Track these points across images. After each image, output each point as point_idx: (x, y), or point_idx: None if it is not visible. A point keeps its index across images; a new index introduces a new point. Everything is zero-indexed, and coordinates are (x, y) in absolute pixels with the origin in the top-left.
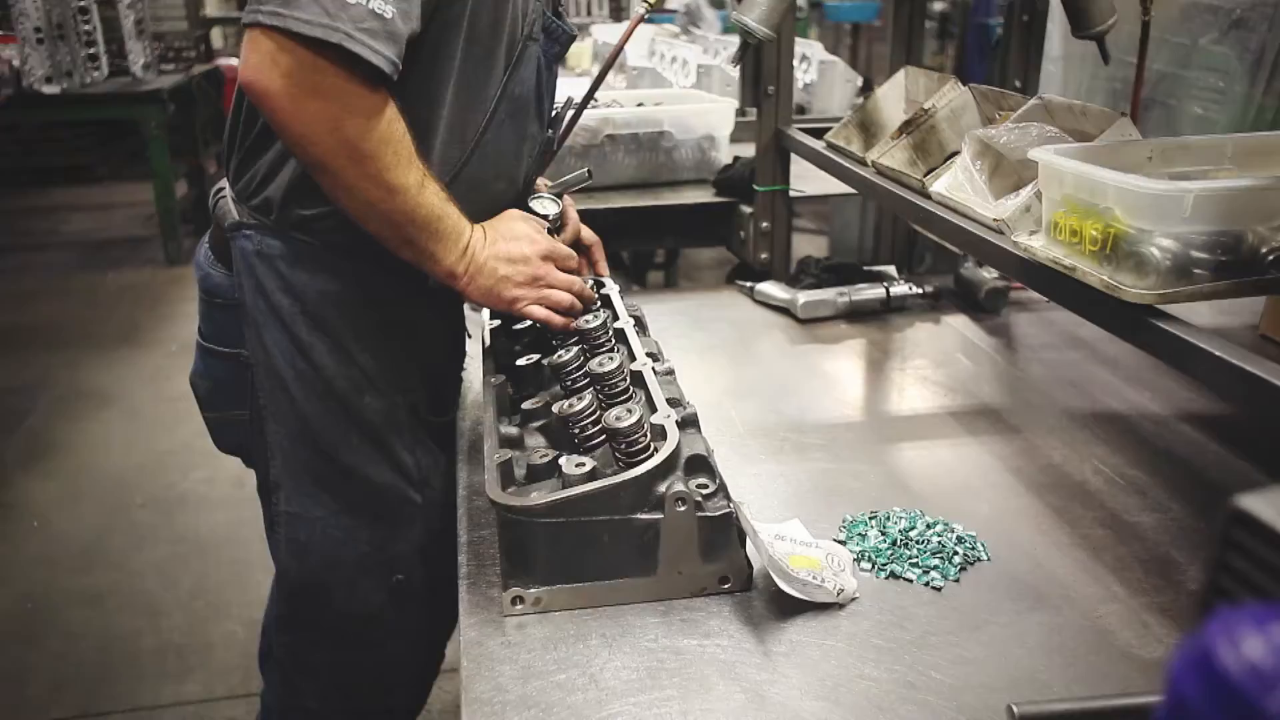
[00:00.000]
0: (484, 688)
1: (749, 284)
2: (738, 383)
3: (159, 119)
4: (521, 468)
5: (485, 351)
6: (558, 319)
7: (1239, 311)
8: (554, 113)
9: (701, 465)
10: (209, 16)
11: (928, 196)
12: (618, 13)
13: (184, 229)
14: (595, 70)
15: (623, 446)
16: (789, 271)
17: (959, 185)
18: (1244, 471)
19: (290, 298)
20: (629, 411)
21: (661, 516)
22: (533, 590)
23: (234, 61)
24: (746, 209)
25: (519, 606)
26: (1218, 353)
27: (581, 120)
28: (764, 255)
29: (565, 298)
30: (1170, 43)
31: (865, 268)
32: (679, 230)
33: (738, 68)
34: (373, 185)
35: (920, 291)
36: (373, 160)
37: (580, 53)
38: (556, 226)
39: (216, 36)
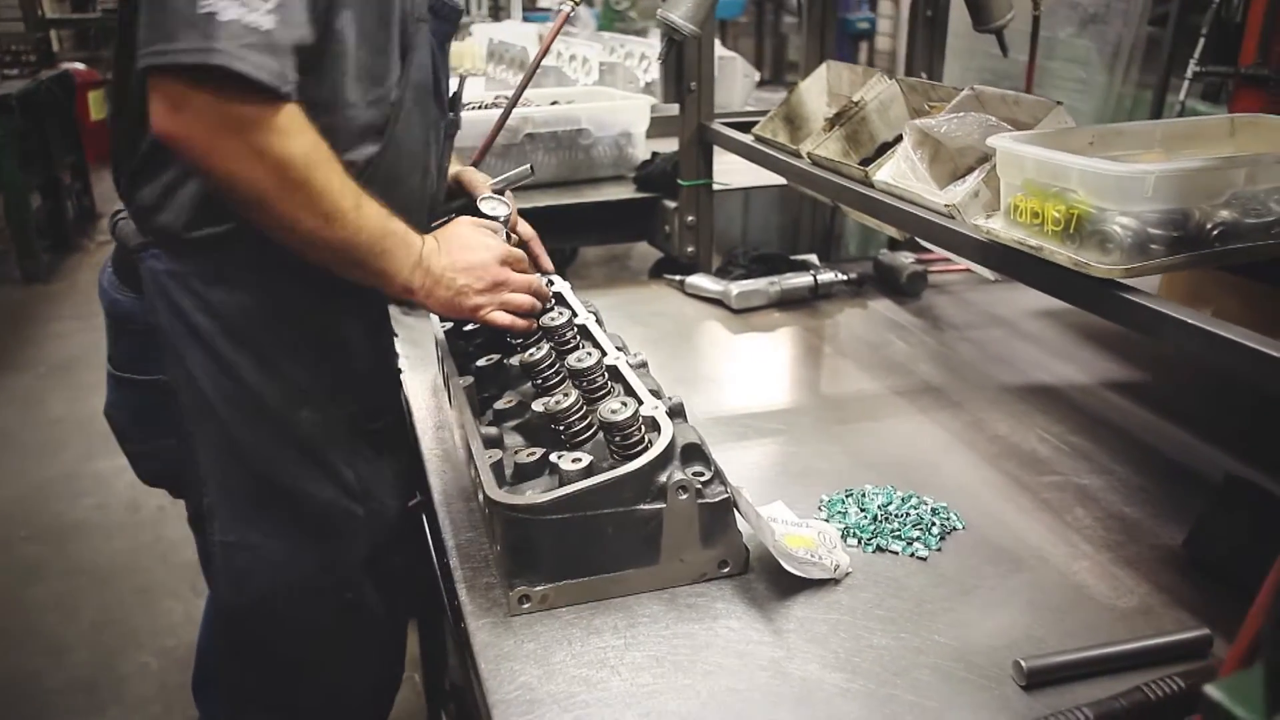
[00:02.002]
0: (508, 689)
1: (678, 277)
2: (686, 374)
3: (7, 127)
4: (508, 467)
5: (445, 354)
6: (521, 323)
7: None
8: (451, 94)
9: (696, 453)
10: (47, 18)
11: (870, 185)
12: (497, 12)
13: (40, 244)
14: (488, 70)
15: (617, 439)
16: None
17: (903, 174)
18: (1171, 433)
19: (209, 316)
20: (624, 405)
21: (664, 506)
22: (539, 588)
23: (82, 66)
24: (670, 204)
25: (526, 605)
26: (1189, 320)
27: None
28: (690, 249)
29: (525, 300)
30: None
31: (790, 257)
32: (601, 227)
33: (660, 64)
34: (309, 214)
35: (845, 278)
36: (304, 187)
37: (461, 52)
38: (509, 227)
39: (53, 38)
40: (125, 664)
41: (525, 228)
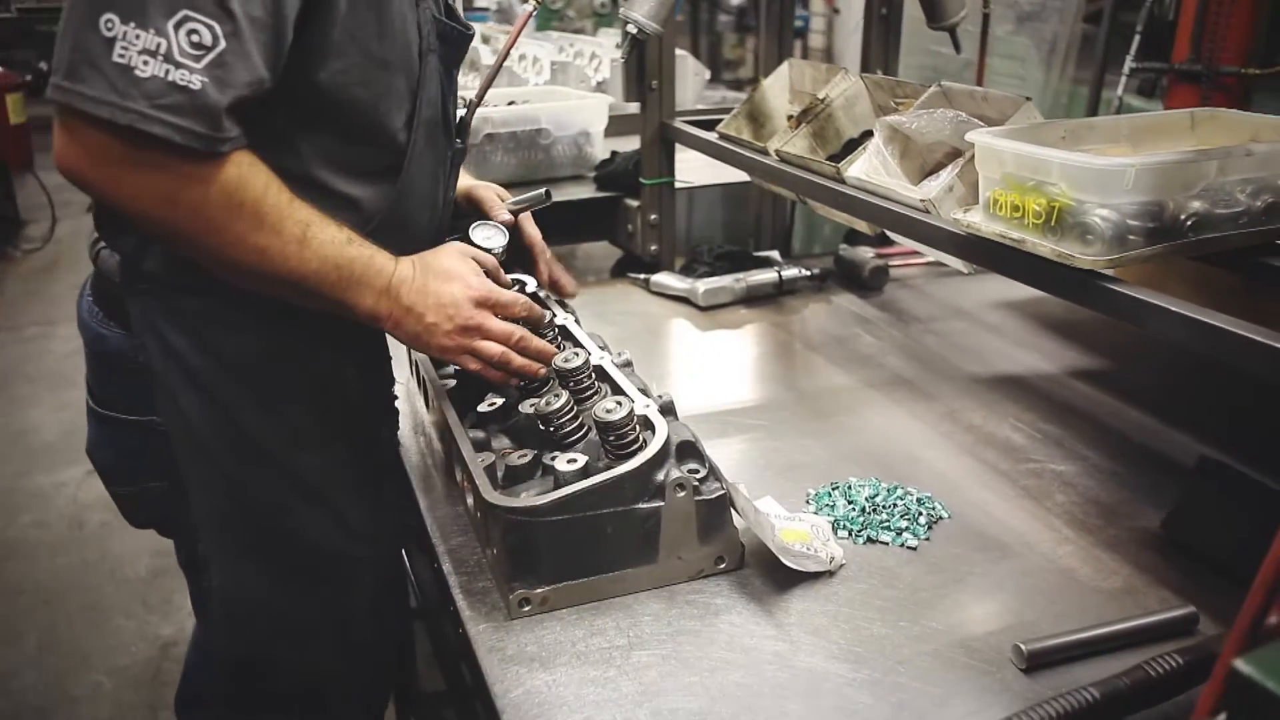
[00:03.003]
0: (518, 694)
1: (643, 276)
2: (661, 371)
3: None
4: (499, 469)
5: (422, 357)
6: (492, 373)
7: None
8: (458, 119)
9: (691, 451)
10: None
11: (842, 181)
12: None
13: None
14: None
15: (612, 439)
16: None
17: (875, 169)
18: (1136, 418)
19: (206, 356)
20: (618, 404)
21: (662, 504)
22: (539, 590)
23: None
24: (632, 203)
25: (526, 608)
26: (1173, 308)
27: None
28: (653, 247)
29: (495, 350)
30: (971, 33)
31: (754, 254)
32: (562, 227)
33: (622, 63)
34: (239, 250)
35: (809, 274)
36: (230, 226)
37: None
38: (503, 259)
39: None
40: (77, 686)
41: (533, 233)
